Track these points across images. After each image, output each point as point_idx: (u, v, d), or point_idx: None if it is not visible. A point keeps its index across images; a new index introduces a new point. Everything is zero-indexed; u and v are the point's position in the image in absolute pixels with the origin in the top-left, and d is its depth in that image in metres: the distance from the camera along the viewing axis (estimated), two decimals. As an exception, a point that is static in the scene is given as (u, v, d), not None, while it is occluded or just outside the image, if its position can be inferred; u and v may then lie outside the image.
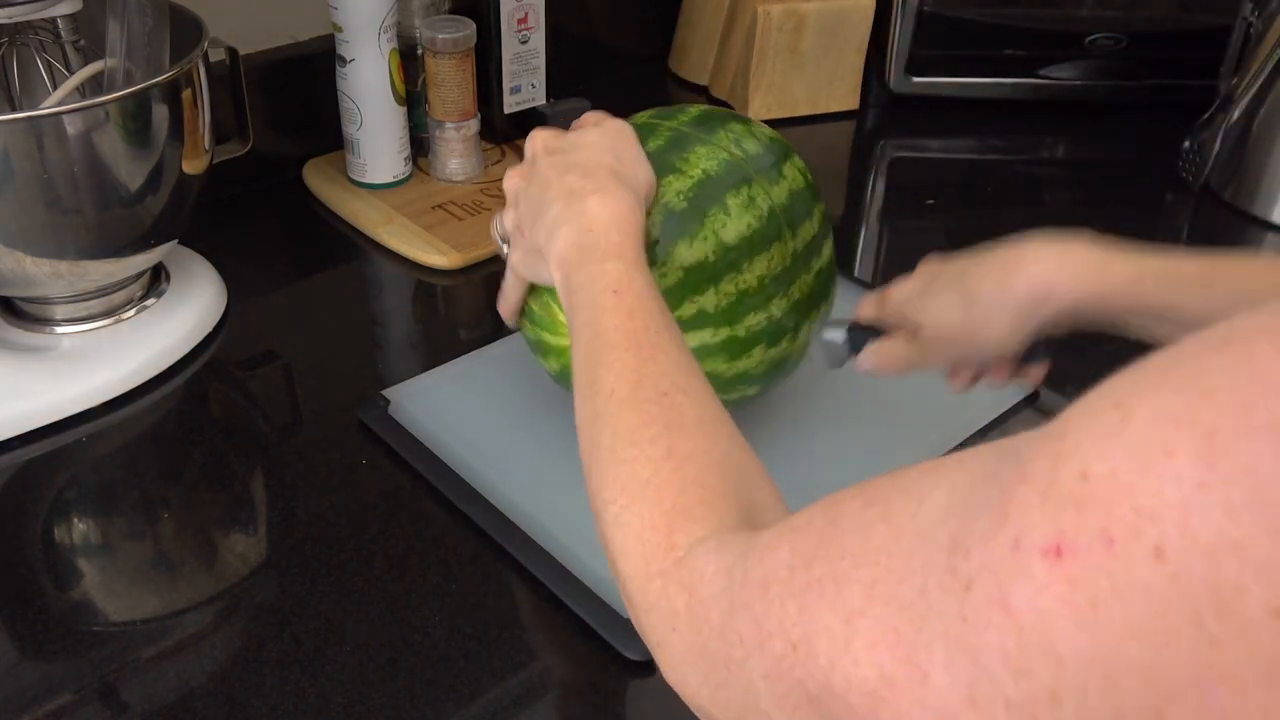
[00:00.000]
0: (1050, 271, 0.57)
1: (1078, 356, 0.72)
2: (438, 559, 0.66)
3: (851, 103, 1.25)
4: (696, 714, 0.41)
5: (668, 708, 0.59)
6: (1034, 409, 0.80)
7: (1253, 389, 0.20)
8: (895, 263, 1.02)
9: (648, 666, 0.59)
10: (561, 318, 0.66)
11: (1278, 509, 0.19)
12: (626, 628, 0.60)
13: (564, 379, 0.69)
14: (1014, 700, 0.24)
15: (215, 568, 0.66)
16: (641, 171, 0.61)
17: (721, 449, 0.46)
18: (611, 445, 0.46)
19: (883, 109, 1.26)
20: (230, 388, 0.83)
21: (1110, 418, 0.22)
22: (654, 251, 0.63)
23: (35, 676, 0.58)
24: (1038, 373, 0.65)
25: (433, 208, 1.00)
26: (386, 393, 0.77)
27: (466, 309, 0.93)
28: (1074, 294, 0.57)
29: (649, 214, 0.62)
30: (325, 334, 0.88)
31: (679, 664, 0.40)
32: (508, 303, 0.68)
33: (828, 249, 0.72)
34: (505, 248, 0.65)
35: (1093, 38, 1.19)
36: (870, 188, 1.14)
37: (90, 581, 0.66)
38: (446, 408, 0.77)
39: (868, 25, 1.21)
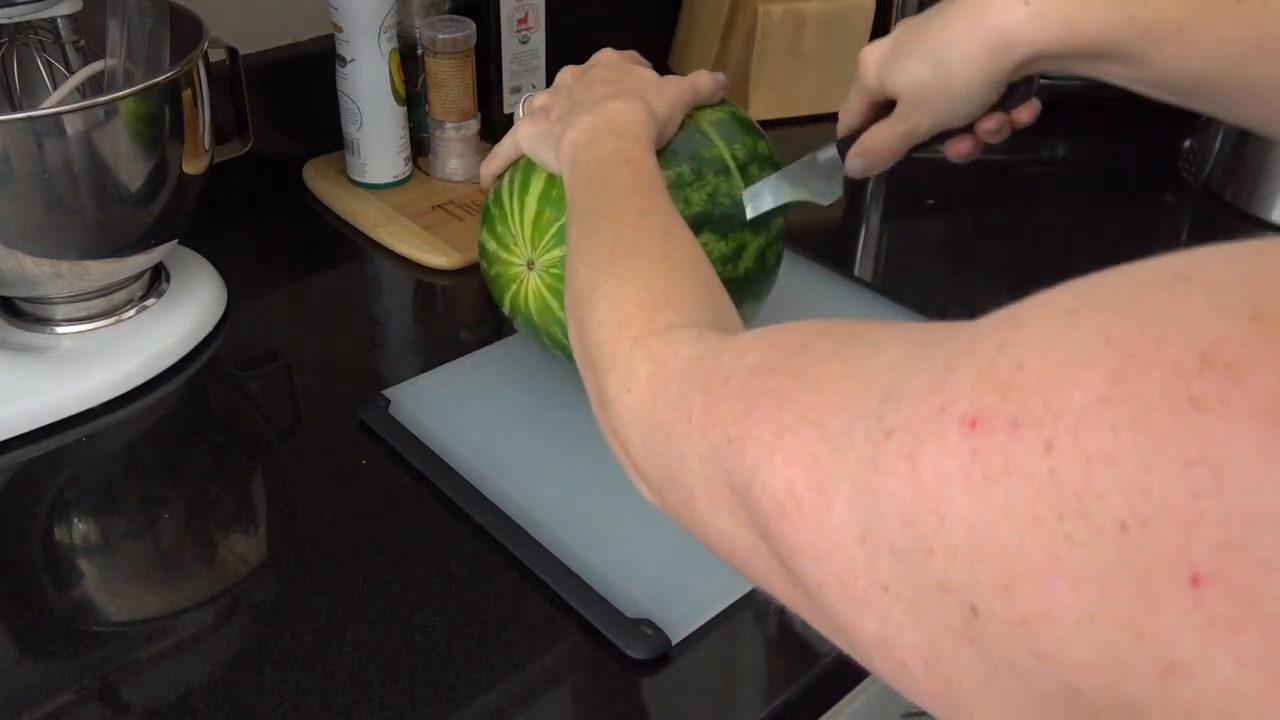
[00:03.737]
0: (1013, 21, 0.55)
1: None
2: (438, 559, 0.66)
3: (852, 103, 1.25)
4: (627, 470, 0.45)
5: (669, 707, 0.59)
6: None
7: (1173, 329, 0.21)
8: (895, 262, 1.02)
9: (649, 666, 0.59)
10: (514, 207, 0.71)
11: (1153, 436, 0.20)
12: (628, 627, 0.60)
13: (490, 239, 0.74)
14: (898, 548, 0.26)
15: (215, 568, 0.66)
16: (673, 115, 0.66)
17: (708, 275, 0.50)
18: (613, 247, 0.50)
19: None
20: (230, 388, 0.83)
21: (1062, 322, 0.24)
22: None
23: (35, 676, 0.58)
24: (1027, 114, 0.64)
25: (433, 208, 1.00)
26: (387, 392, 0.77)
27: (466, 309, 0.93)
28: (1037, 45, 0.55)
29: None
30: (325, 334, 0.88)
31: (625, 422, 0.44)
32: (491, 165, 0.73)
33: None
34: (521, 113, 0.70)
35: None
36: (870, 187, 1.14)
37: (90, 581, 0.66)
38: (446, 408, 0.77)
39: (868, 25, 1.20)
